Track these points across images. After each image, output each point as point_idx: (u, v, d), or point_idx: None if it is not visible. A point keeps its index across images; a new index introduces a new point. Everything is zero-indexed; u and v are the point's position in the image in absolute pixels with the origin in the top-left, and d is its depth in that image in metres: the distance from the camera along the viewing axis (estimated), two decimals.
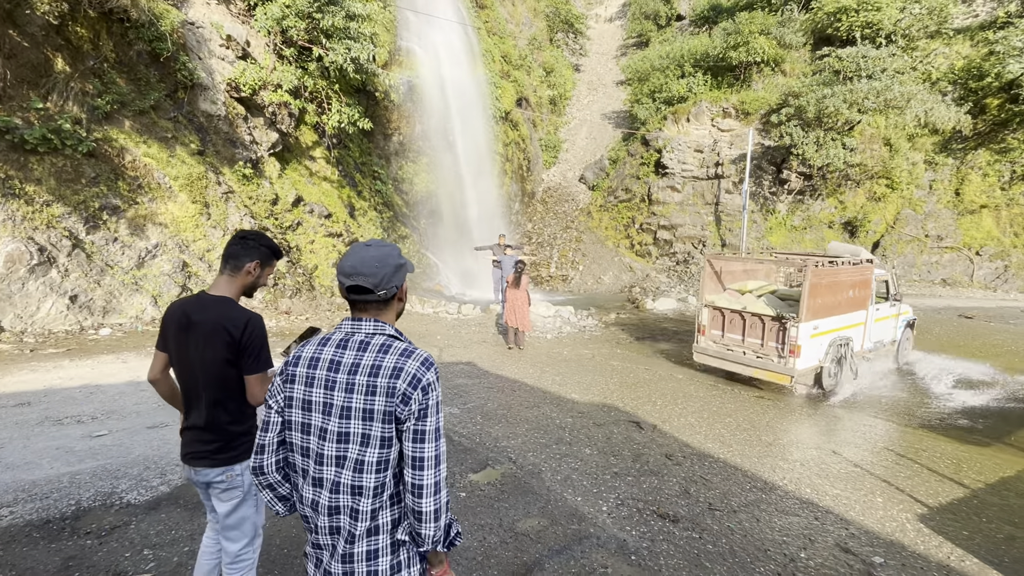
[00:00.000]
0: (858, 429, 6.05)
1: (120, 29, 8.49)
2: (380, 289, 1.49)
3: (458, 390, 6.36)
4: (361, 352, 1.45)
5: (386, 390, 1.39)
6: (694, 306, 14.95)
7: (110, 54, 8.42)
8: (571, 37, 31.53)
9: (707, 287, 8.02)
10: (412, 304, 12.81)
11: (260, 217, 11.16)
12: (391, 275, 1.52)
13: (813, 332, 6.74)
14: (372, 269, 1.48)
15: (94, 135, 8.13)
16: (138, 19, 8.37)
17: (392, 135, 17.50)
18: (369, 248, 1.54)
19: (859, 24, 19.90)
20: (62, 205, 7.78)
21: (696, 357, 7.92)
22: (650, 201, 21.28)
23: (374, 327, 1.50)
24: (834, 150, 17.86)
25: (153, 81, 9.01)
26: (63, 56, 7.88)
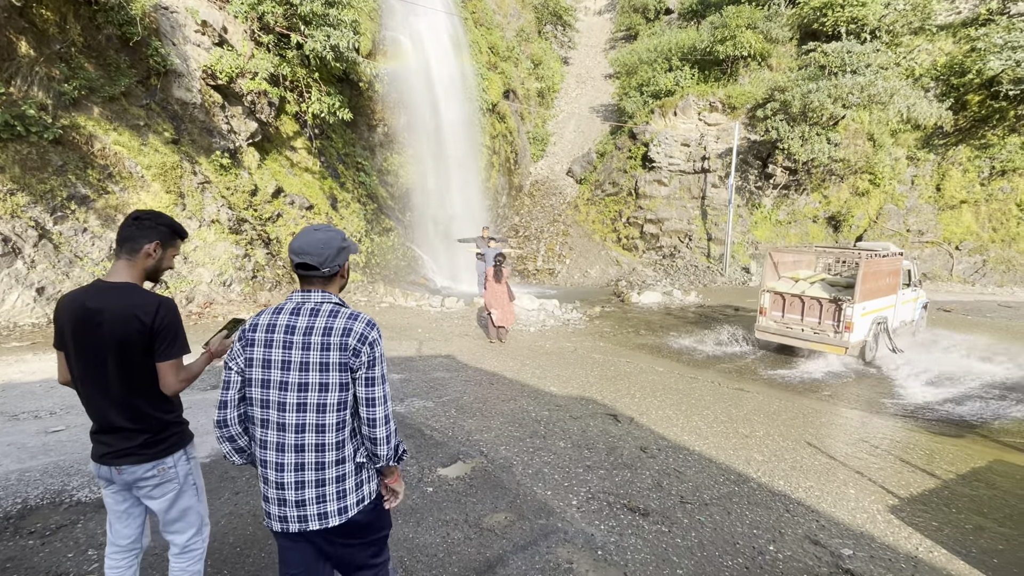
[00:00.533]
0: (836, 422, 6.04)
1: (88, 12, 8.20)
2: (324, 267, 1.76)
3: (434, 383, 6.25)
4: (313, 317, 1.72)
5: (339, 346, 1.68)
6: (679, 299, 14.96)
7: (78, 38, 8.13)
8: (560, 30, 31.29)
9: (767, 276, 9.27)
10: (395, 297, 12.65)
11: (238, 208, 10.92)
12: (334, 256, 1.79)
13: (862, 312, 8.03)
14: (318, 250, 1.75)
15: (61, 122, 7.86)
16: (106, 2, 8.08)
17: (377, 126, 17.24)
18: (317, 232, 1.80)
19: (844, 19, 19.94)
20: (27, 194, 7.52)
21: (757, 334, 9.04)
22: (637, 195, 21.24)
23: (322, 297, 1.78)
24: (819, 145, 17.92)
25: (123, 67, 8.73)
26: (27, 40, 7.59)
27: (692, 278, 18.82)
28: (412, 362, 7.16)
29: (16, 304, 7.55)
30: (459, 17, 20.75)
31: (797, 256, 9.80)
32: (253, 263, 10.70)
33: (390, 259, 15.91)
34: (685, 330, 10.95)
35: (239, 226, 10.59)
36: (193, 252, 9.70)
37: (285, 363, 1.69)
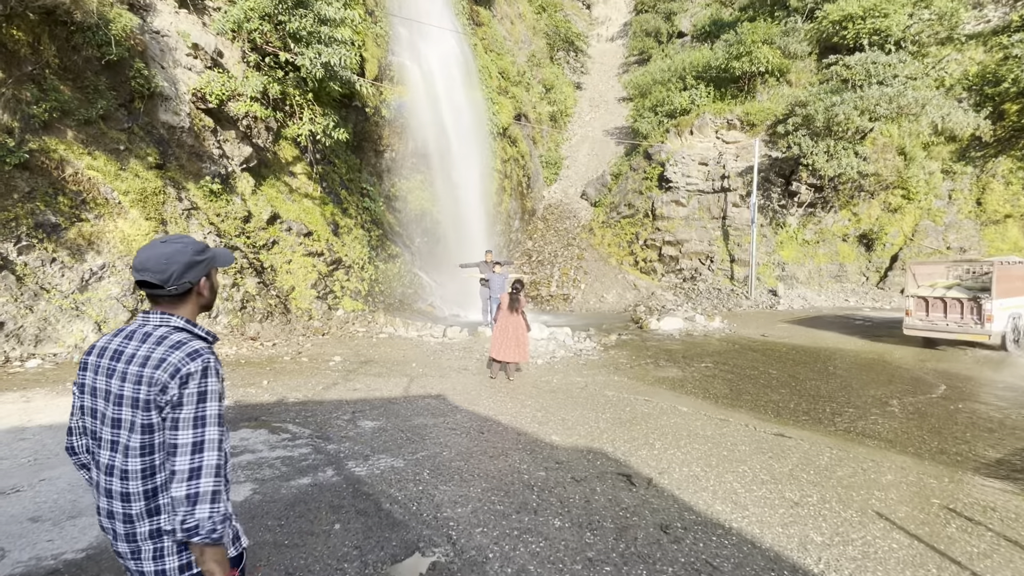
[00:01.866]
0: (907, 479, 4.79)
1: (64, 33, 7.73)
2: (169, 285, 1.53)
3: (413, 434, 5.21)
4: (141, 343, 1.51)
5: (148, 379, 1.45)
6: (702, 325, 13.70)
7: (52, 59, 7.64)
8: (572, 55, 30.97)
9: (909, 285, 11.08)
10: (395, 327, 11.75)
11: (229, 235, 10.25)
12: (181, 272, 1.54)
13: (999, 307, 9.70)
14: (160, 266, 1.52)
15: (29, 146, 7.29)
16: (84, 22, 7.59)
17: (384, 151, 16.70)
18: (162, 245, 1.55)
19: (866, 31, 18.91)
20: None
21: (906, 331, 10.78)
22: (654, 216, 20.19)
23: (160, 319, 1.56)
24: (847, 159, 16.70)
25: (102, 89, 8.20)
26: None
27: (715, 302, 17.52)
28: (393, 405, 6.15)
29: None
30: (468, 43, 20.40)
31: (932, 268, 11.34)
32: (242, 293, 9.95)
33: (395, 286, 15.10)
34: (710, 361, 9.73)
35: None
36: None
37: (107, 393, 1.52)
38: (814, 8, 21.57)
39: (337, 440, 4.88)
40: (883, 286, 17.83)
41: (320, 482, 3.98)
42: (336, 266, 12.72)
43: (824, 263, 18.66)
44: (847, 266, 18.54)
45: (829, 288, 18.29)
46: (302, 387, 6.73)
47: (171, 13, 9.91)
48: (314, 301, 11.72)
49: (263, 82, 9.45)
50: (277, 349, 9.22)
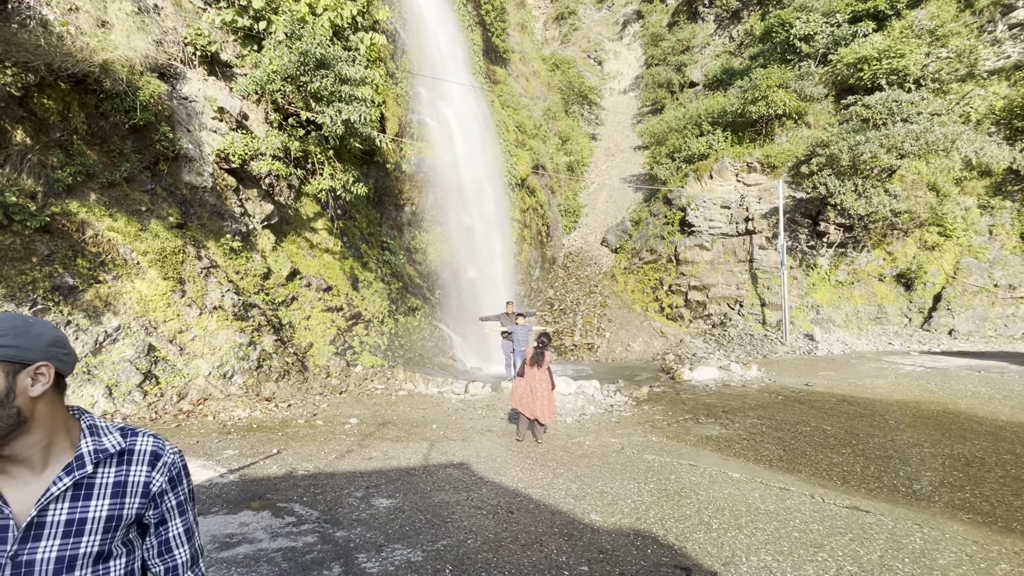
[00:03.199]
0: None
1: (93, 100, 7.87)
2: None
3: (434, 515, 4.57)
4: None
5: None
6: (738, 375, 12.82)
7: (80, 126, 7.75)
8: (586, 108, 31.65)
9: None
10: (415, 384, 11.21)
11: (248, 292, 10.05)
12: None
13: None
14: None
15: (51, 209, 7.25)
16: (112, 90, 7.73)
17: (404, 205, 16.76)
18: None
19: (883, 72, 18.77)
20: (3, 286, 6.75)
21: None
22: (678, 261, 19.65)
23: None
24: (878, 197, 16.10)
25: (128, 152, 8.28)
26: (24, 128, 7.20)
27: (748, 348, 16.59)
28: (412, 477, 5.53)
29: None
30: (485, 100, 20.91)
31: None
32: (259, 351, 9.61)
33: (415, 340, 14.67)
34: (754, 416, 8.88)
35: (246, 312, 9.64)
36: (191, 342, 8.70)
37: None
38: (826, 53, 21.68)
39: (348, 525, 4.28)
40: (928, 327, 16.71)
41: None
42: (355, 321, 12.40)
43: (861, 304, 17.68)
44: (886, 307, 17.52)
45: (869, 331, 17.23)
46: (314, 456, 6.18)
47: (200, 80, 10.19)
48: (332, 357, 11.32)
49: (283, 141, 9.51)
50: (292, 411, 8.74)
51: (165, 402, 8.07)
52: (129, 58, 7.91)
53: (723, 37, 33.09)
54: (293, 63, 8.70)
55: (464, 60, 20.04)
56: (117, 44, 7.54)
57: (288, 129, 10.11)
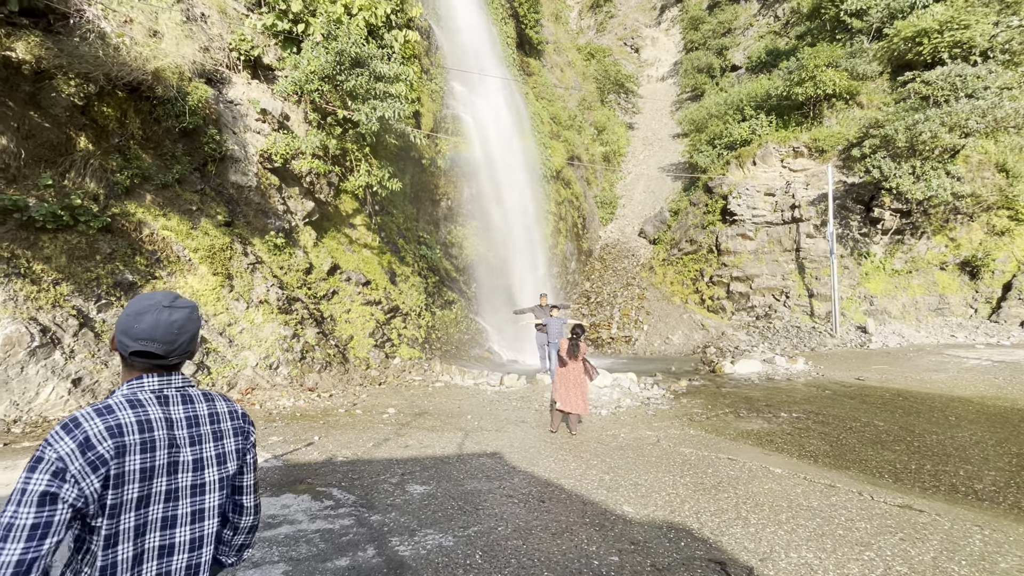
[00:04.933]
0: None
1: (147, 107, 8.35)
2: (174, 356, 1.42)
3: (466, 502, 4.64)
4: (190, 404, 1.46)
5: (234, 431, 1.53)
6: (783, 368, 12.34)
7: (136, 131, 8.24)
8: (623, 97, 31.02)
9: None
10: (451, 375, 11.38)
11: (291, 287, 10.46)
12: (188, 342, 1.44)
13: None
14: (171, 336, 1.38)
15: (112, 210, 7.76)
16: (164, 96, 8.17)
17: (440, 200, 16.96)
18: (170, 311, 1.40)
19: (945, 45, 17.44)
20: (71, 283, 7.29)
21: None
22: (719, 251, 19.04)
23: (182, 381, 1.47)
24: (938, 180, 15.07)
25: (179, 155, 8.74)
26: (87, 135, 7.72)
27: (795, 341, 15.92)
28: (446, 466, 5.63)
29: (50, 397, 7.11)
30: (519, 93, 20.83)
31: None
32: (302, 343, 9.99)
33: (452, 332, 14.87)
34: (800, 410, 8.53)
35: (289, 306, 10.03)
36: (239, 335, 9.14)
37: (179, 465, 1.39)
38: (881, 27, 20.36)
39: (383, 509, 4.40)
40: (997, 319, 15.54)
41: (359, 564, 3.49)
42: (393, 314, 12.69)
43: (920, 295, 16.63)
44: (949, 297, 16.41)
45: (929, 323, 16.19)
46: (353, 443, 6.38)
47: (244, 84, 10.63)
48: (371, 350, 11.63)
49: (322, 139, 9.80)
50: (333, 400, 9.05)
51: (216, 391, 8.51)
52: (179, 65, 8.33)
53: (767, 17, 31.61)
54: (330, 63, 8.94)
55: (498, 53, 20.03)
56: (167, 52, 7.96)
57: (326, 127, 10.40)
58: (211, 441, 1.45)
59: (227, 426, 1.50)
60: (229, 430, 1.50)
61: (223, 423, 1.49)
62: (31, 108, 7.07)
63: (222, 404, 1.52)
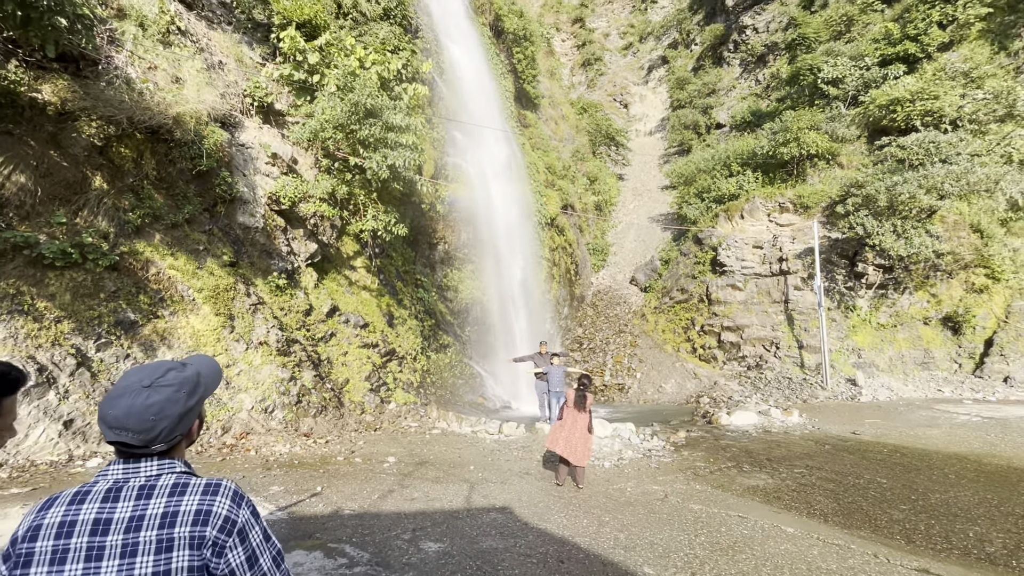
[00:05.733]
0: None
1: (164, 148, 8.49)
2: (155, 444, 1.23)
3: (482, 561, 4.52)
4: (145, 500, 1.19)
5: (190, 541, 1.15)
6: (779, 420, 12.39)
7: (151, 172, 8.34)
8: (613, 149, 32.26)
9: None
10: (448, 422, 11.20)
11: (290, 328, 10.36)
12: (172, 427, 1.24)
13: None
14: (146, 423, 1.21)
15: (120, 248, 7.74)
16: (182, 139, 8.34)
17: (438, 244, 17.18)
18: (148, 392, 1.22)
19: (917, 113, 18.70)
20: (73, 321, 7.16)
21: None
22: (710, 301, 19.42)
23: (159, 467, 1.25)
24: (919, 238, 15.77)
25: (191, 195, 8.83)
26: (103, 174, 7.79)
27: (787, 392, 16.06)
28: (456, 521, 5.49)
29: (40, 440, 6.83)
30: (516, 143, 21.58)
31: None
32: (299, 386, 9.81)
33: (447, 377, 14.73)
34: (802, 465, 8.54)
35: (288, 347, 9.91)
36: (236, 377, 8.96)
37: None
38: (856, 95, 21.78)
39: (399, 568, 4.27)
40: (981, 374, 15.93)
41: None
42: (390, 357, 12.58)
43: (906, 349, 17.04)
44: (933, 352, 16.83)
45: (916, 377, 16.52)
46: (357, 495, 6.21)
47: (256, 128, 10.89)
48: (367, 394, 11.45)
49: (332, 184, 9.99)
50: (330, 447, 8.82)
51: (210, 435, 8.26)
52: (197, 110, 8.55)
53: (749, 80, 33.63)
54: (345, 112, 9.25)
55: (497, 106, 20.88)
56: (189, 98, 8.19)
57: (335, 173, 10.63)
58: (149, 553, 1.13)
59: (177, 533, 1.15)
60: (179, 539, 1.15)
61: (174, 528, 1.15)
62: (51, 147, 7.15)
63: (183, 502, 1.19)
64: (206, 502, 1.19)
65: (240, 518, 1.21)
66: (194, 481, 1.24)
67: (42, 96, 6.85)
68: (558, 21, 44.28)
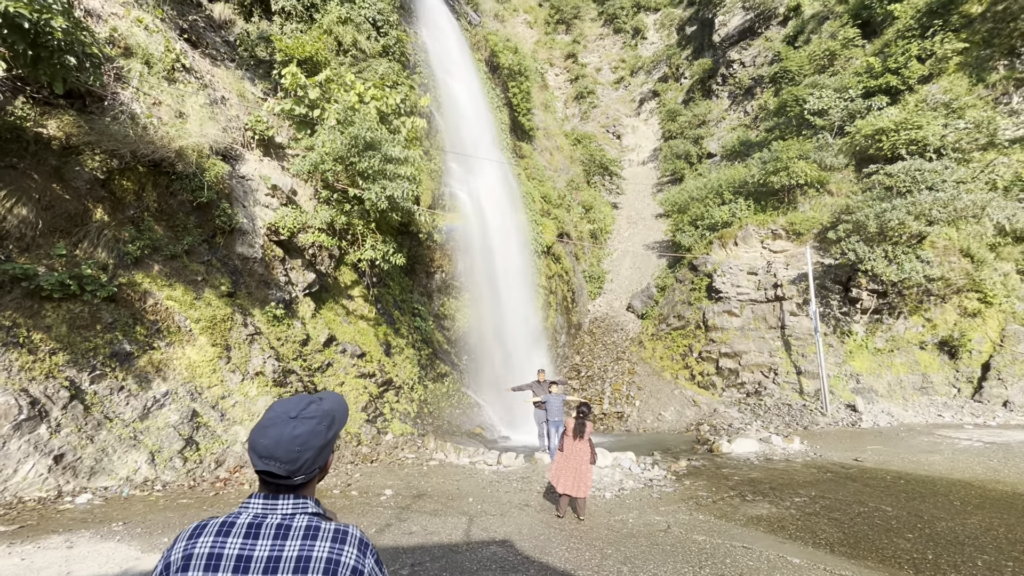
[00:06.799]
0: None
1: (165, 180, 8.62)
2: (298, 475, 1.31)
3: None
4: (281, 541, 1.25)
5: None
6: (780, 448, 12.27)
7: (152, 203, 8.45)
8: (607, 179, 32.85)
9: None
10: (446, 453, 11.04)
11: (287, 359, 10.30)
12: (314, 458, 1.33)
13: None
14: (292, 454, 1.28)
15: (119, 280, 7.76)
16: (183, 171, 8.48)
17: (435, 273, 17.26)
18: (294, 424, 1.31)
19: (902, 142, 19.22)
20: (68, 353, 7.11)
21: None
22: (707, 327, 19.46)
23: (293, 506, 1.32)
24: (909, 263, 15.99)
25: (191, 227, 8.92)
26: (104, 207, 7.88)
27: (787, 419, 15.95)
28: (456, 555, 5.37)
29: (29, 475, 6.69)
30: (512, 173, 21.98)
31: None
32: None
33: (444, 407, 14.58)
34: (805, 494, 8.43)
35: (284, 378, 9.84)
36: (232, 408, 8.86)
37: None
38: (842, 125, 22.42)
39: None
40: (980, 398, 15.91)
41: None
42: (387, 387, 12.48)
43: (904, 374, 17.04)
44: (931, 376, 16.83)
45: (916, 402, 16.47)
46: None
47: (256, 161, 11.09)
48: (363, 425, 11.31)
49: (331, 214, 10.12)
50: (326, 480, 8.65)
51: (203, 469, 8.11)
52: (199, 144, 8.73)
53: (738, 112, 34.61)
54: (345, 145, 9.45)
55: (493, 137, 21.35)
56: (192, 132, 8.37)
57: (334, 204, 10.78)
58: None
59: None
60: None
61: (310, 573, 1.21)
62: (54, 180, 7.26)
63: (315, 547, 1.25)
64: (335, 551, 1.25)
65: (366, 568, 1.27)
66: (324, 526, 1.30)
67: (47, 131, 6.99)
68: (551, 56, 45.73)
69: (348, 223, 10.78)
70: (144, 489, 7.30)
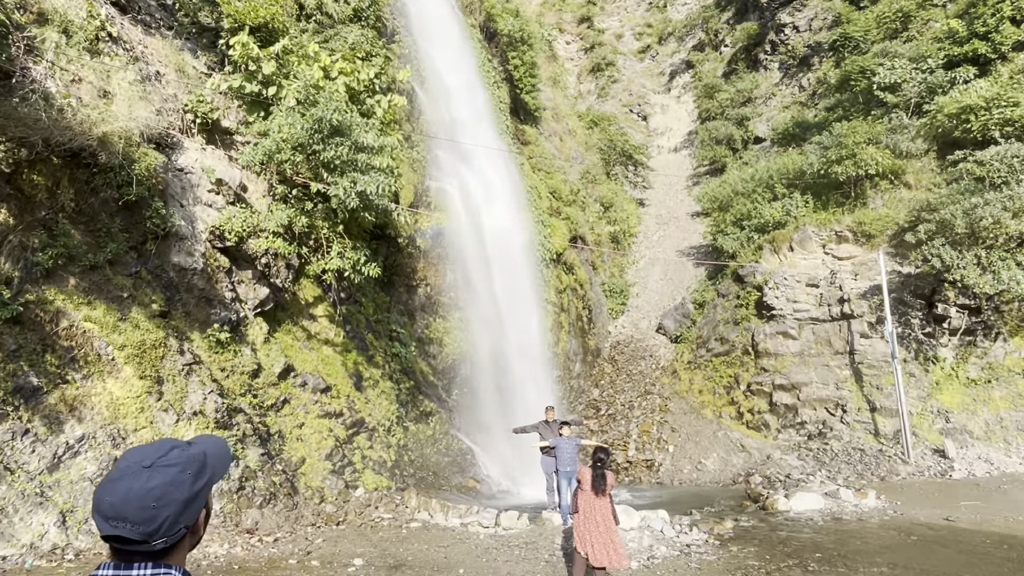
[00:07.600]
0: None
1: (85, 175, 8.72)
2: (156, 539, 1.27)
3: None
4: None
5: None
6: (851, 504, 12.16)
7: (68, 203, 8.53)
8: (631, 169, 33.08)
9: None
10: (431, 512, 10.96)
11: (233, 394, 10.30)
12: (175, 516, 1.29)
13: None
14: (146, 512, 1.25)
15: (25, 297, 7.80)
16: (107, 163, 8.58)
17: (417, 287, 17.31)
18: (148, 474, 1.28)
19: (995, 123, 19.35)
20: None
21: None
22: (756, 353, 19.42)
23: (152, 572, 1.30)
24: (1008, 272, 15.97)
25: (115, 231, 8.99)
26: (9, 207, 7.96)
27: (859, 468, 15.84)
28: None
29: None
30: (514, 163, 22.18)
31: None
32: (242, 469, 9.67)
33: (429, 453, 14.51)
34: (884, 564, 8.32)
35: (230, 419, 9.82)
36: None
37: None
38: (920, 102, 22.60)
39: None
40: None
41: None
42: (357, 429, 12.45)
43: (1005, 410, 16.92)
44: None
45: (1021, 445, 16.33)
46: None
47: (197, 150, 11.21)
48: (328, 476, 11.26)
49: (289, 215, 10.21)
50: (279, 547, 8.60)
51: None
52: (128, 129, 8.83)
53: (791, 87, 34.98)
54: (306, 130, 9.58)
55: (489, 120, 21.58)
56: (118, 115, 8.48)
57: (293, 202, 10.87)
58: None
59: None
60: None
61: None
62: None
63: None
64: None
65: None
66: None
67: None
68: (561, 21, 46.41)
69: (310, 225, 10.84)
70: (52, 559, 7.24)
